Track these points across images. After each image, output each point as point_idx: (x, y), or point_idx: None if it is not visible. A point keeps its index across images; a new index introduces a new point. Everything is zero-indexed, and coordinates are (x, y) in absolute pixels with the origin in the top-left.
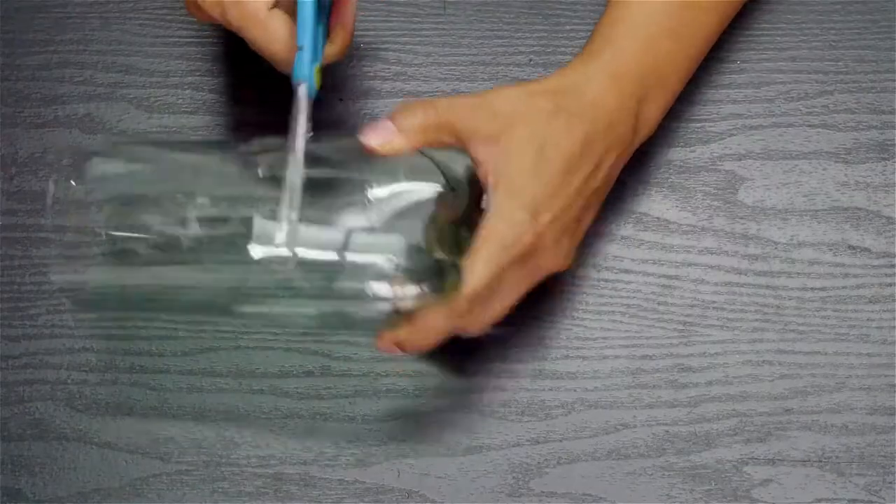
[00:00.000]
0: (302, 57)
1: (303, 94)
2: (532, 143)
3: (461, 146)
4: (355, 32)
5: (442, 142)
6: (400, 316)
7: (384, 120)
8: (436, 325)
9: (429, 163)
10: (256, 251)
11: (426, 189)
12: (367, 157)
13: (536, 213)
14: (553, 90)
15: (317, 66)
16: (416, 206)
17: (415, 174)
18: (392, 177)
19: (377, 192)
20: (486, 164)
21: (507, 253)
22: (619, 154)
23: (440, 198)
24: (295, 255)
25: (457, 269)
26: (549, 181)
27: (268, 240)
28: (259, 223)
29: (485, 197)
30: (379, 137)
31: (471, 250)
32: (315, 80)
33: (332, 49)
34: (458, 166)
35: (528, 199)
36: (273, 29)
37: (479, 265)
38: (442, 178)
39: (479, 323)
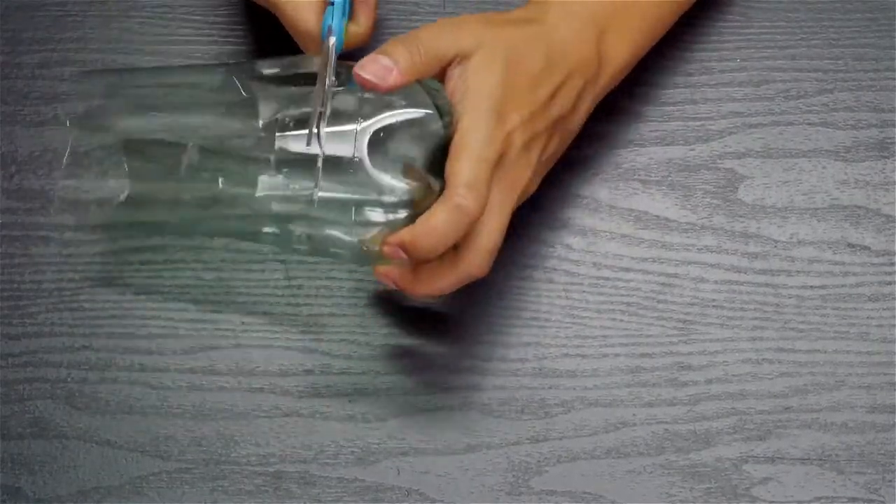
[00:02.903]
0: (331, 11)
1: (331, 44)
2: (496, 59)
3: (441, 71)
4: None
5: (430, 73)
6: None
7: (379, 55)
8: (439, 224)
9: (418, 88)
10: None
11: (416, 113)
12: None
13: (502, 117)
14: (515, 19)
15: (346, 22)
16: (410, 128)
17: (407, 99)
18: (386, 102)
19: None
20: (454, 80)
21: (483, 153)
22: (585, 82)
23: (429, 122)
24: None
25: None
26: (514, 90)
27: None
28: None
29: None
30: (377, 73)
31: (449, 157)
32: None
33: (357, 29)
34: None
35: (494, 104)
36: (302, 5)
37: (463, 164)
38: (430, 104)
39: (484, 238)
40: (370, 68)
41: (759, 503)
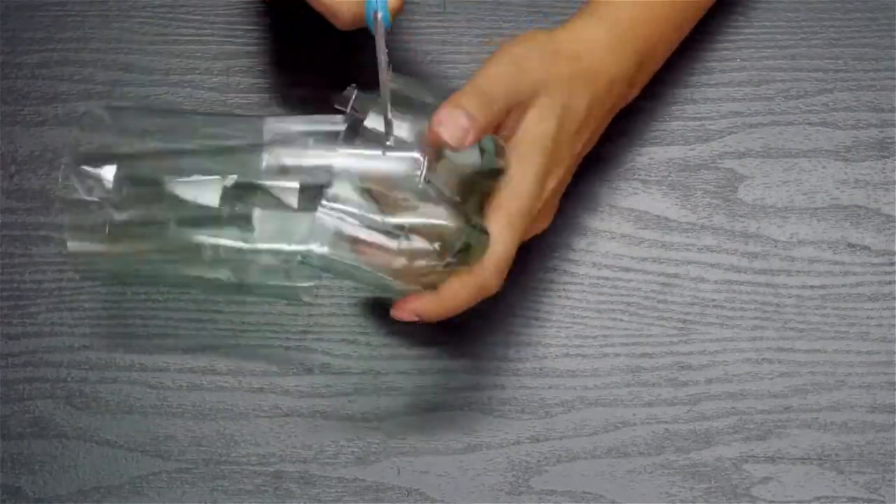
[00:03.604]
0: None
1: (380, 19)
2: (553, 111)
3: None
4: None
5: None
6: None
7: (458, 113)
8: (461, 302)
9: None
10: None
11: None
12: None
13: (545, 179)
14: (568, 54)
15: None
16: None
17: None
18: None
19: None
20: (510, 130)
21: (522, 222)
22: (612, 115)
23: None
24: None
25: (473, 231)
26: (559, 148)
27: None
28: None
29: (499, 160)
30: (454, 134)
31: (491, 218)
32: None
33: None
34: None
35: (540, 167)
36: None
37: (497, 243)
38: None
39: (494, 290)
40: (449, 128)
41: (759, 503)
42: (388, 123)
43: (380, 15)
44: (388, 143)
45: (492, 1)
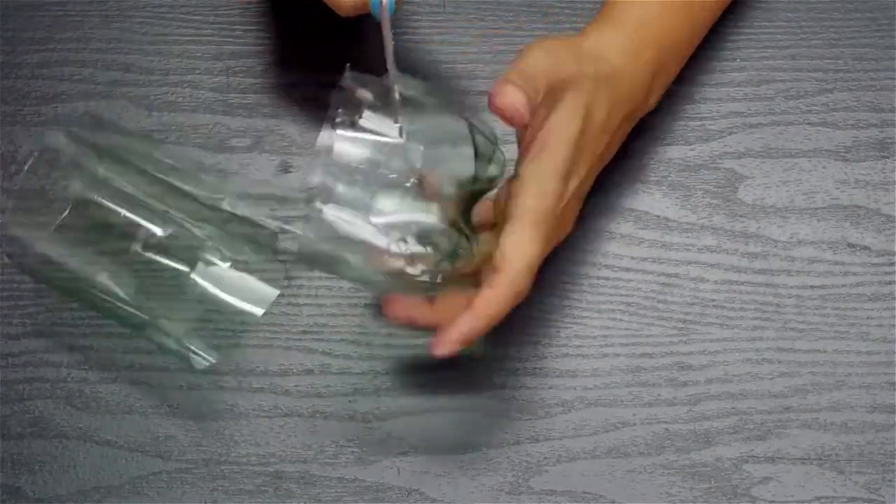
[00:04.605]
0: None
1: (385, 4)
2: (578, 112)
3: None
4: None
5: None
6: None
7: (515, 89)
8: (500, 311)
9: (465, 128)
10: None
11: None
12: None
13: (567, 180)
14: (592, 56)
15: None
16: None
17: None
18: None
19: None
20: (535, 127)
21: (547, 221)
22: (630, 124)
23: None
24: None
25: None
26: (582, 150)
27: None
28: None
29: (519, 160)
30: (509, 105)
31: (516, 221)
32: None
33: None
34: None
35: (562, 168)
36: None
37: (526, 243)
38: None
39: (527, 293)
40: (508, 105)
41: (759, 503)
42: (395, 106)
43: (385, 1)
44: (396, 124)
45: (492, 1)
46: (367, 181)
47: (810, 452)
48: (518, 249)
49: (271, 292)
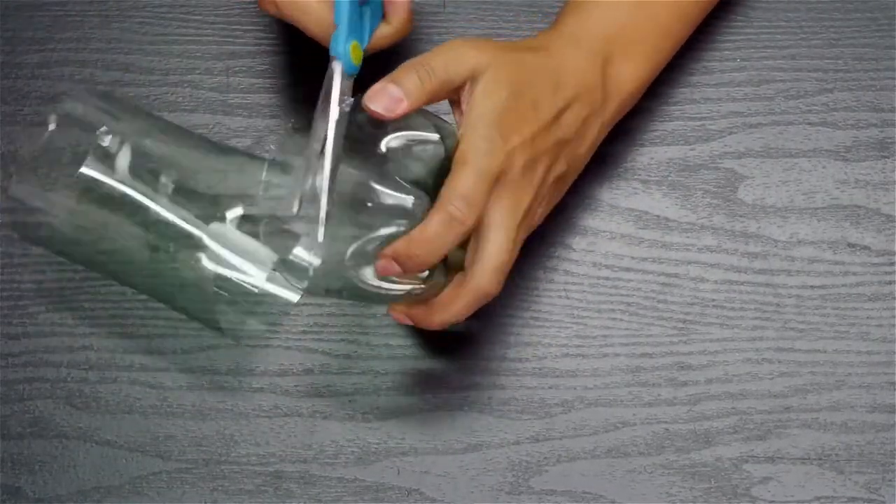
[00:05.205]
0: (337, 35)
1: (336, 69)
2: (502, 82)
3: (454, 93)
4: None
5: (440, 98)
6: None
7: (389, 85)
8: (431, 233)
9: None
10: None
11: (418, 136)
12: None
13: (504, 136)
14: (523, 46)
15: (354, 42)
16: (412, 150)
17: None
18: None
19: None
20: (463, 103)
21: (481, 167)
22: (591, 109)
23: (431, 144)
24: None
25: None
26: (517, 112)
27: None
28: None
29: (458, 131)
30: (386, 105)
31: (450, 173)
32: (353, 58)
33: (388, 29)
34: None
35: (495, 122)
36: (315, 14)
37: (459, 176)
38: (433, 129)
39: (488, 255)
40: (379, 100)
41: (759, 503)
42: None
43: (335, 63)
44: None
45: (492, 1)
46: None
47: (810, 452)
48: (451, 184)
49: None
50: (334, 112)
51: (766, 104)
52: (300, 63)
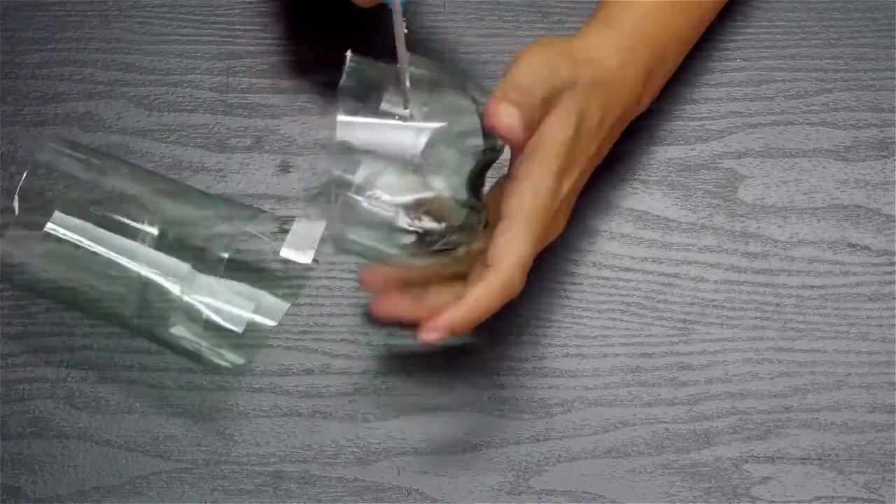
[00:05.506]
0: None
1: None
2: (572, 115)
3: None
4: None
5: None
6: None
7: (511, 109)
8: (491, 305)
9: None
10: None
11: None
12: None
13: (560, 180)
14: (584, 61)
15: None
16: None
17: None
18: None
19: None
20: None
21: (542, 220)
22: (623, 125)
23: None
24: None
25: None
26: (575, 152)
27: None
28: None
29: (513, 160)
30: (506, 125)
31: (512, 218)
32: None
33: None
34: None
35: (556, 168)
36: None
37: (520, 240)
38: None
39: (519, 289)
40: (505, 122)
41: (759, 503)
42: (406, 94)
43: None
44: (407, 111)
45: (492, 1)
46: (378, 164)
47: (810, 452)
48: (511, 247)
49: (280, 305)
50: (402, 42)
51: (766, 104)
52: (300, 63)
